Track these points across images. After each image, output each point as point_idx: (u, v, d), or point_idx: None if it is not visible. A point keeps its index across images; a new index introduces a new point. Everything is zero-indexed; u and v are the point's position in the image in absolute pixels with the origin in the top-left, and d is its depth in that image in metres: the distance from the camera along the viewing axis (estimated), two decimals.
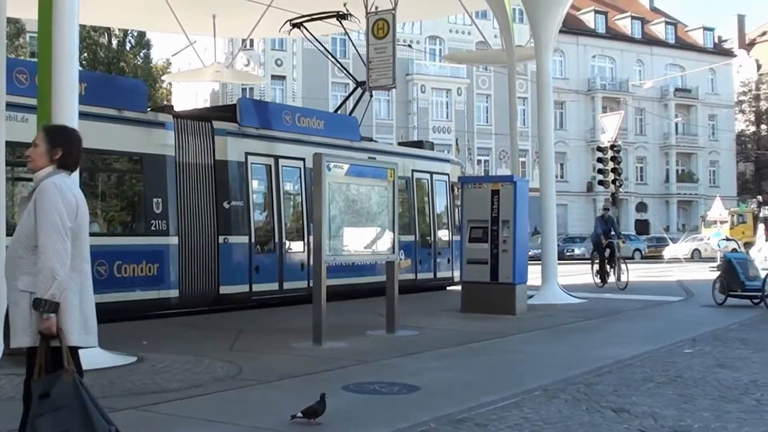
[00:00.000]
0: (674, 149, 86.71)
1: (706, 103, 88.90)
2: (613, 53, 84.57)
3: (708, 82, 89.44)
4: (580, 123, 79.97)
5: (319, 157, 13.26)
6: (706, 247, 56.04)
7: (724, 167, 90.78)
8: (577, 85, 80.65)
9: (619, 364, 11.60)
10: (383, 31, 23.04)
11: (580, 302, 21.38)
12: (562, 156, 77.85)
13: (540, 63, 23.36)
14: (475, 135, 73.36)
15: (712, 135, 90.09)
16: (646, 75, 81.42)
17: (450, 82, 72.78)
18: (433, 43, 73.59)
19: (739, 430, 7.85)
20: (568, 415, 8.37)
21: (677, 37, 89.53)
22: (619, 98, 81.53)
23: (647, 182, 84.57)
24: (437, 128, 70.58)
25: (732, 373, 10.90)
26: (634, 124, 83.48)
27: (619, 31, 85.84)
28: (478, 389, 9.70)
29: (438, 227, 26.23)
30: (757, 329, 16.18)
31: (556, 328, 16.32)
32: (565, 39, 77.06)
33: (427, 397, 9.24)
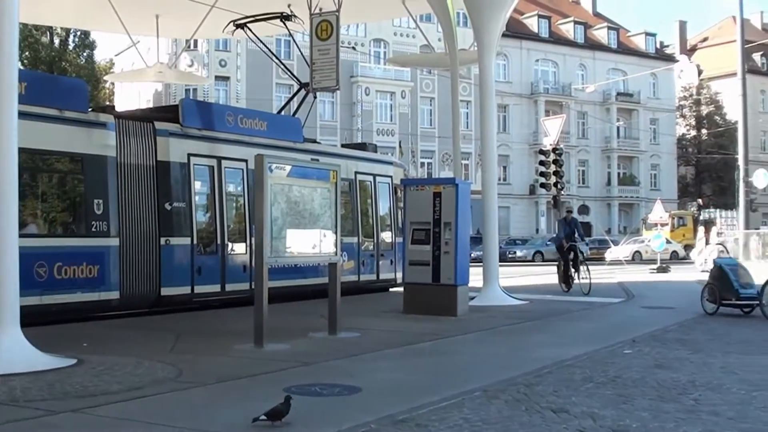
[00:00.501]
0: (616, 153, 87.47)
1: (647, 108, 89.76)
2: (556, 57, 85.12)
3: (649, 86, 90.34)
4: (523, 126, 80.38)
5: (261, 158, 13.22)
6: (646, 249, 56.58)
7: (664, 171, 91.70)
8: (520, 88, 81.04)
9: (559, 364, 11.70)
10: (327, 33, 23.03)
11: (522, 303, 21.46)
12: (505, 159, 78.23)
13: (483, 66, 23.45)
14: (419, 138, 73.46)
15: (654, 139, 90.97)
16: (588, 79, 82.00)
17: (394, 85, 72.86)
18: (377, 45, 73.65)
19: (676, 430, 7.97)
20: (508, 416, 8.43)
21: (619, 42, 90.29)
22: (561, 102, 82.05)
23: (589, 185, 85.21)
24: (381, 131, 70.62)
25: (670, 373, 11.05)
26: (576, 128, 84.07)
27: (562, 36, 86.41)
28: (419, 390, 9.74)
29: (381, 229, 26.26)
30: (696, 330, 16.38)
31: (497, 330, 16.41)
32: (509, 43, 77.46)
33: (368, 398, 9.26)
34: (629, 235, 70.68)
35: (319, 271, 20.11)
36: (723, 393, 9.77)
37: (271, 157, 13.94)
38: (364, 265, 25.14)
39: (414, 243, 19.03)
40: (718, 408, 8.90)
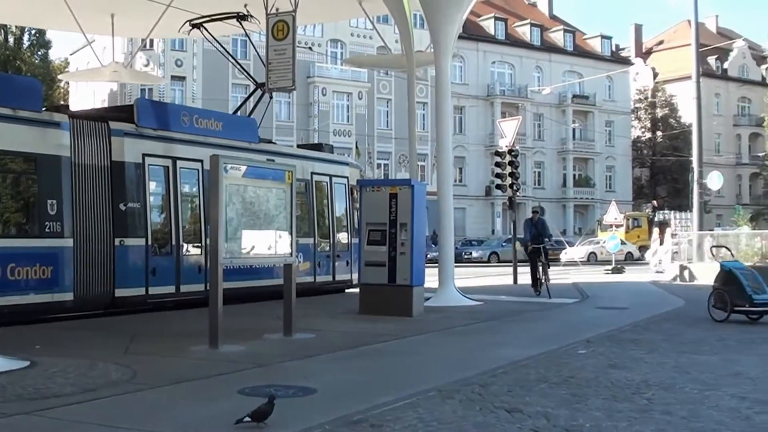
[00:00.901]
0: (571, 154, 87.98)
1: (603, 110, 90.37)
2: (512, 59, 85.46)
3: (605, 89, 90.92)
4: (480, 128, 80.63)
5: (216, 158, 13.17)
6: (602, 250, 56.98)
7: (620, 172, 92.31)
8: (476, 90, 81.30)
9: (513, 365, 11.75)
10: (283, 33, 22.95)
11: (477, 304, 21.50)
12: (461, 160, 78.50)
13: (439, 68, 23.51)
14: (376, 139, 73.52)
15: (609, 141, 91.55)
16: (544, 81, 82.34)
17: (351, 86, 72.86)
18: (334, 46, 73.60)
19: (629, 429, 8.02)
20: (462, 416, 8.46)
21: (575, 45, 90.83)
22: (517, 104, 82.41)
23: (545, 186, 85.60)
24: (338, 131, 70.57)
25: (624, 373, 11.12)
26: (532, 130, 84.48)
27: (519, 38, 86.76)
28: (373, 391, 9.75)
29: (337, 230, 26.23)
30: (649, 330, 16.51)
31: (453, 330, 16.45)
32: (466, 45, 77.63)
33: (323, 399, 9.25)
34: (584, 236, 71.03)
35: (274, 273, 20.08)
36: (676, 392, 9.85)
37: (227, 158, 13.90)
38: (320, 266, 25.09)
39: (370, 244, 19.04)
40: (671, 407, 8.97)
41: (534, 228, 25.50)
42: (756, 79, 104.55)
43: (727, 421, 8.42)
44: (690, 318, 19.04)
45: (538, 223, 25.85)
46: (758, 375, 11.11)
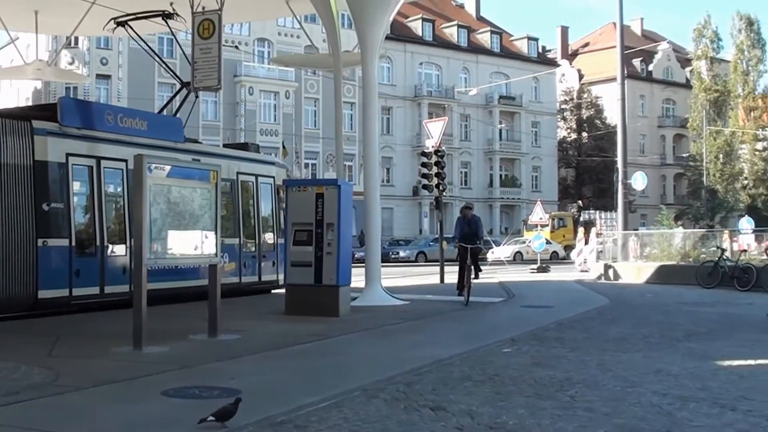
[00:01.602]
0: (498, 155, 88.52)
1: (529, 111, 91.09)
2: (439, 60, 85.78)
3: (532, 90, 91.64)
4: (407, 128, 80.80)
5: (140, 158, 13.05)
6: (527, 249, 57.44)
7: (546, 173, 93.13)
8: (404, 91, 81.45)
9: (438, 363, 11.79)
10: (209, 32, 22.78)
11: (403, 304, 21.55)
12: (389, 160, 78.67)
13: (366, 68, 23.51)
14: (303, 138, 73.33)
15: (535, 142, 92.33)
16: (471, 82, 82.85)
17: (278, 85, 72.59)
18: (261, 45, 73.32)
19: (552, 426, 8.09)
20: (386, 415, 8.47)
21: (502, 47, 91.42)
22: (444, 105, 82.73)
23: (471, 187, 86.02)
24: (265, 131, 70.29)
25: (548, 371, 11.22)
26: (459, 130, 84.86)
27: (446, 39, 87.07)
28: (298, 391, 9.71)
29: (263, 230, 26.08)
30: (573, 329, 16.65)
31: (379, 330, 16.45)
32: (393, 46, 77.78)
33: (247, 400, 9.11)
34: (510, 235, 71.61)
35: (200, 273, 19.88)
36: (599, 389, 9.96)
37: (151, 157, 13.78)
38: (245, 266, 24.95)
39: (296, 244, 18.96)
40: (593, 404, 9.06)
41: (467, 226, 23.68)
42: (680, 81, 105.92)
43: (648, 417, 8.52)
44: (614, 316, 19.27)
45: (471, 220, 23.98)
46: (680, 372, 11.25)
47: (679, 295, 25.27)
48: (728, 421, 8.38)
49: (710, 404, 9.14)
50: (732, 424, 8.25)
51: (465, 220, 23.97)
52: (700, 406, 9.07)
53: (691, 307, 21.58)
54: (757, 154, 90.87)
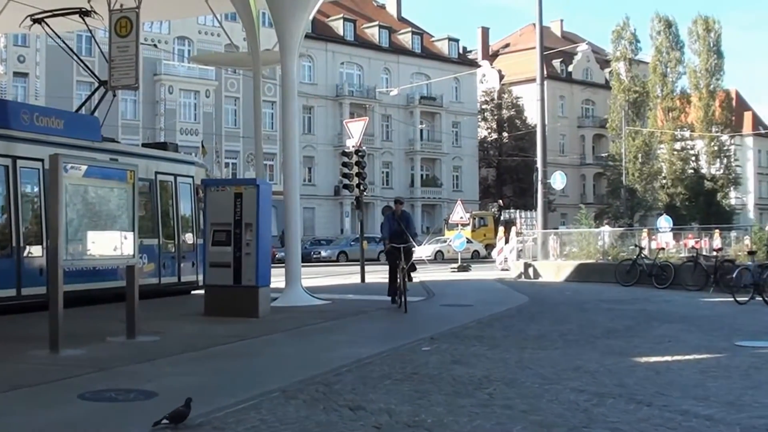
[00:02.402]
0: (419, 155, 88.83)
1: (450, 111, 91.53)
2: (361, 60, 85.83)
3: (452, 90, 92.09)
4: (328, 128, 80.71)
5: (55, 158, 12.85)
6: (448, 249, 57.65)
7: (466, 172, 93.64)
8: (325, 90, 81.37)
9: (358, 363, 11.79)
10: (126, 30, 22.55)
11: (324, 303, 21.52)
12: (310, 160, 78.58)
13: (285, 67, 23.42)
14: (224, 138, 72.88)
15: (456, 142, 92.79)
16: (392, 83, 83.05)
17: (198, 84, 72.13)
18: (181, 43, 72.76)
19: (470, 424, 8.11)
20: (305, 415, 8.44)
21: (423, 47, 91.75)
22: (366, 105, 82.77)
23: (393, 186, 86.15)
24: (185, 130, 69.82)
25: (467, 369, 11.27)
26: (380, 130, 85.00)
27: (367, 39, 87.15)
28: (217, 393, 9.63)
29: (183, 230, 25.85)
30: (493, 327, 16.77)
31: (299, 330, 16.39)
32: (314, 45, 77.77)
33: (165, 403, 9.05)
34: (432, 235, 71.89)
35: (118, 274, 19.69)
36: (517, 387, 10.02)
37: (67, 157, 13.59)
38: (164, 267, 24.72)
39: (215, 244, 18.81)
40: (511, 401, 9.11)
41: (396, 223, 20.85)
42: (599, 82, 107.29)
43: (566, 413, 8.59)
44: (533, 314, 19.43)
45: (402, 216, 21.11)
46: (597, 368, 11.36)
47: (598, 293, 25.55)
48: (644, 417, 8.47)
49: (627, 400, 9.23)
50: (648, 420, 8.34)
51: (395, 217, 21.03)
52: (617, 402, 9.16)
53: (609, 304, 21.79)
54: (675, 153, 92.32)
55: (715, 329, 16.44)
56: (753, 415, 8.50)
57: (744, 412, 8.61)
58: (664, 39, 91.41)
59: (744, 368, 11.48)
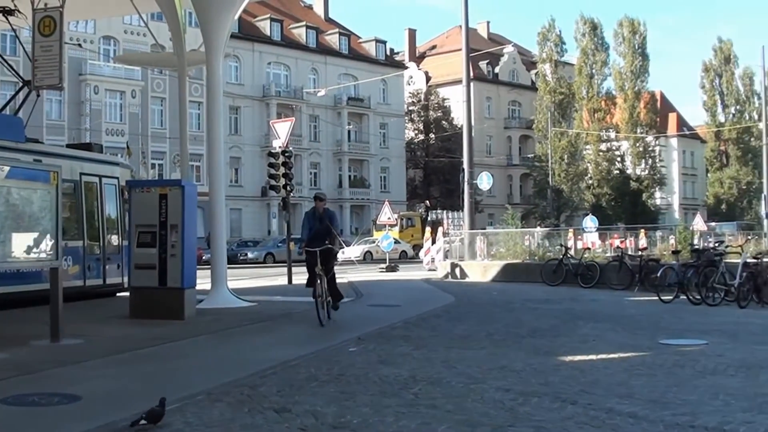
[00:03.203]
0: (347, 156, 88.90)
1: (377, 112, 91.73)
2: (288, 61, 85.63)
3: (380, 92, 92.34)
4: (255, 128, 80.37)
5: None
6: (377, 249, 57.76)
7: (394, 173, 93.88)
8: (252, 90, 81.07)
9: (284, 365, 11.76)
10: (50, 29, 22.24)
11: (250, 305, 21.40)
12: (237, 161, 78.29)
13: (210, 67, 23.27)
14: (150, 138, 72.26)
15: (383, 143, 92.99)
16: (320, 83, 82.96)
17: (124, 84, 71.43)
18: (107, 43, 71.97)
19: (396, 424, 8.15)
20: (230, 418, 8.42)
21: (351, 48, 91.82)
22: (293, 105, 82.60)
23: (321, 187, 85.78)
24: (110, 131, 69.09)
25: (393, 369, 11.30)
26: (308, 131, 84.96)
27: (295, 40, 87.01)
28: (141, 396, 9.51)
29: (108, 232, 25.56)
30: (420, 327, 16.80)
31: (225, 332, 16.30)
32: (241, 45, 77.47)
33: (88, 407, 9.01)
34: (360, 235, 71.94)
35: (42, 277, 19.39)
36: (443, 386, 10.06)
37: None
38: (89, 269, 24.41)
39: (140, 246, 18.64)
40: (437, 401, 9.16)
41: (318, 222, 17.78)
42: (526, 83, 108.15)
43: (491, 412, 8.65)
44: (459, 314, 19.49)
45: (325, 215, 17.92)
46: (523, 368, 11.46)
47: (524, 293, 25.67)
48: (568, 415, 8.55)
49: (552, 399, 9.32)
50: (573, 418, 8.43)
51: (316, 215, 17.94)
52: (542, 400, 9.24)
53: (535, 304, 21.93)
54: (601, 154, 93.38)
55: (639, 328, 16.64)
56: (677, 412, 8.61)
57: (668, 410, 8.72)
58: (590, 41, 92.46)
59: (668, 366, 11.63)
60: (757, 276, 22.13)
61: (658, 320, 18.07)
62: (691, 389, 9.94)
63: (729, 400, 9.28)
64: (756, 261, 23.04)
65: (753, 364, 11.83)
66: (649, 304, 21.86)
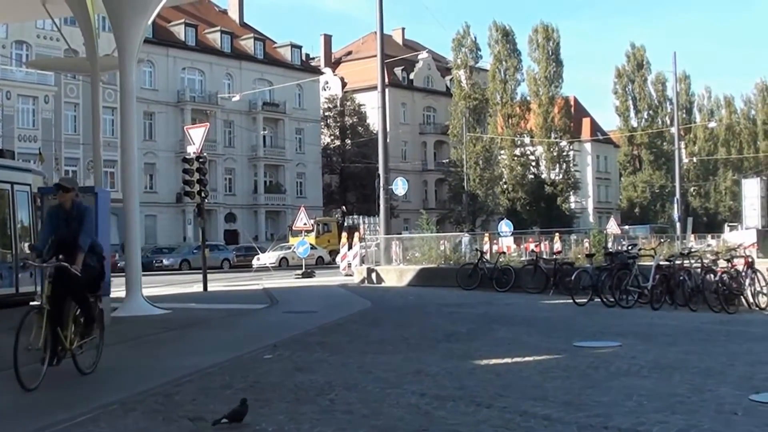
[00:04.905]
0: (262, 161, 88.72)
1: (293, 118, 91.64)
2: (202, 66, 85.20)
3: (295, 97, 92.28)
4: (170, 134, 79.82)
5: None
6: (293, 255, 57.57)
7: (310, 179, 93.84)
8: (166, 96, 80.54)
9: (199, 372, 11.68)
10: None
11: (165, 313, 21.23)
12: (152, 167, 77.70)
13: (123, 73, 23.08)
14: (63, 144, 71.40)
15: (299, 148, 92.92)
16: (235, 88, 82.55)
17: (37, 89, 70.40)
18: (19, 48, 70.98)
19: (312, 430, 8.14)
20: (144, 427, 8.37)
21: (266, 53, 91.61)
22: (208, 110, 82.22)
23: (236, 193, 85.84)
24: (23, 136, 68.12)
25: (309, 375, 11.26)
26: (223, 136, 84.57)
27: (209, 45, 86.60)
28: (52, 407, 9.43)
29: (20, 239, 25.23)
30: (336, 332, 16.79)
31: (139, 340, 16.19)
32: (155, 50, 76.99)
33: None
34: (276, 241, 71.73)
35: None
36: (359, 392, 10.07)
37: None
38: (1, 278, 24.06)
39: None
40: (353, 407, 9.17)
41: (64, 223, 11.70)
42: (440, 89, 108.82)
43: (407, 417, 8.67)
44: (375, 319, 19.55)
45: (72, 213, 11.74)
46: (438, 371, 11.48)
47: (440, 297, 25.71)
48: (483, 418, 8.60)
49: (467, 402, 9.35)
50: (487, 421, 8.47)
51: (60, 214, 11.85)
52: (457, 404, 9.27)
53: (451, 308, 21.95)
54: (516, 159, 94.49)
55: (554, 331, 16.81)
56: (590, 414, 8.69)
57: (582, 411, 8.81)
58: (502, 47, 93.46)
59: (582, 368, 11.74)
60: (669, 278, 22.48)
61: (573, 323, 18.25)
62: (605, 390, 10.04)
63: (642, 400, 9.38)
64: (668, 263, 23.39)
65: (666, 365, 11.98)
66: (564, 307, 22.06)
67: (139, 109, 26.98)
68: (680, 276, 22.53)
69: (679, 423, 8.31)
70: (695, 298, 22.32)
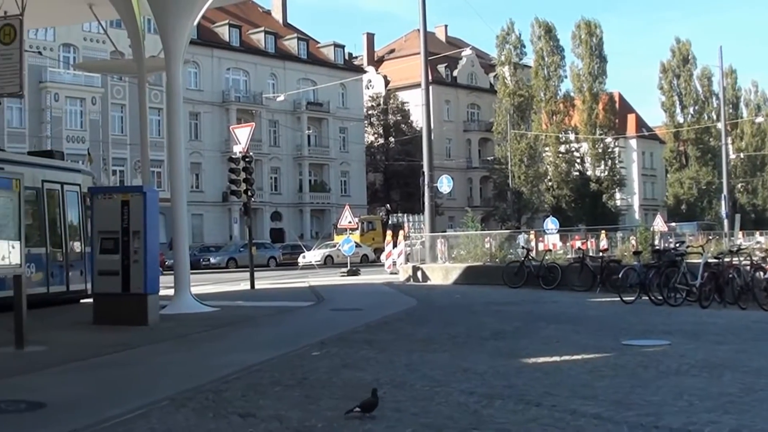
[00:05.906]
0: (307, 160, 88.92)
1: (337, 117, 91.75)
2: (247, 66, 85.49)
3: (339, 96, 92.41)
4: (215, 134, 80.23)
5: None
6: (338, 253, 57.67)
7: (354, 177, 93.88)
8: (211, 96, 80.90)
9: (248, 369, 11.75)
10: (10, 37, 22.16)
11: (213, 311, 21.41)
12: (198, 166, 78.02)
13: (169, 74, 23.26)
14: (110, 145, 71.98)
15: (343, 147, 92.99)
16: (279, 88, 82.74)
17: (84, 91, 71.04)
18: (66, 50, 71.56)
19: (361, 428, 8.14)
20: (195, 424, 8.41)
21: (309, 53, 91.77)
22: (253, 110, 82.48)
23: (281, 192, 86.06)
24: (71, 138, 68.74)
25: (356, 372, 11.30)
26: (268, 136, 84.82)
27: (253, 45, 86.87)
28: (105, 402, 9.56)
29: (70, 238, 25.52)
30: (382, 330, 16.82)
31: (188, 337, 16.32)
32: (200, 51, 77.25)
33: (53, 414, 8.99)
34: (321, 240, 71.85)
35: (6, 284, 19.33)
36: (407, 390, 10.05)
37: None
38: (53, 276, 24.33)
39: (103, 252, 18.59)
40: (401, 404, 9.13)
41: None
42: (484, 86, 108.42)
43: (455, 415, 8.64)
44: (422, 317, 19.54)
45: None
46: (486, 370, 11.43)
47: (486, 296, 25.68)
48: (533, 417, 8.56)
49: (516, 401, 9.31)
50: (537, 420, 8.43)
51: None
52: (506, 403, 9.24)
53: (497, 306, 21.92)
54: (560, 156, 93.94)
55: (602, 329, 16.75)
56: (640, 413, 8.62)
57: (631, 411, 8.73)
58: (545, 44, 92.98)
59: (631, 367, 11.64)
60: (718, 276, 22.20)
61: (620, 321, 18.13)
62: (655, 390, 9.94)
63: (693, 400, 9.29)
64: (717, 261, 23.16)
65: (716, 363, 11.86)
66: (611, 305, 21.97)
67: (185, 109, 27.22)
68: (729, 274, 22.26)
69: (731, 423, 8.20)
70: (744, 296, 22.09)
